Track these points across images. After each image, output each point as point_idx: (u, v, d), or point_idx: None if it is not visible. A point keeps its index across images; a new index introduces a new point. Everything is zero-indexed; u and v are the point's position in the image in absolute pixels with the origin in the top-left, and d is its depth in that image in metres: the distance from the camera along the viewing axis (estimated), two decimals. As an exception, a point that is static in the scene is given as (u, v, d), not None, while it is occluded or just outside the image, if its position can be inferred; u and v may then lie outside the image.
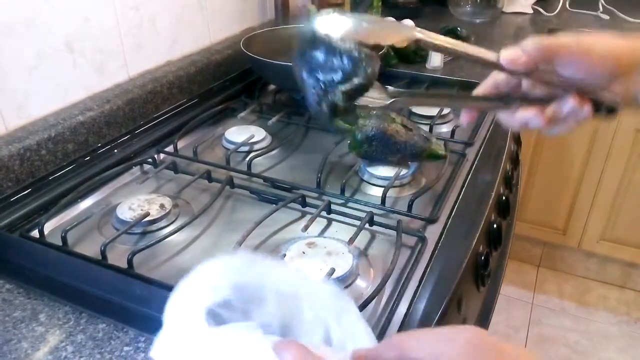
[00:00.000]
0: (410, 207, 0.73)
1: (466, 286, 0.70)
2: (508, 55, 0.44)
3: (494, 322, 0.93)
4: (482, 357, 0.29)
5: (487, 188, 0.81)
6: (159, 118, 0.99)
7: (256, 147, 0.93)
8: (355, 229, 0.67)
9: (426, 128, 0.92)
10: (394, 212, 0.74)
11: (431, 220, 0.72)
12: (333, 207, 0.74)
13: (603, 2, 1.79)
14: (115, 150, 0.88)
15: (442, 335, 0.31)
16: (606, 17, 1.74)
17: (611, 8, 1.76)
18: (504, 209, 0.88)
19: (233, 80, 1.16)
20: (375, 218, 0.71)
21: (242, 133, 0.94)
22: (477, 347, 0.29)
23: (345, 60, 0.43)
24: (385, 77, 1.17)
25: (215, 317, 0.38)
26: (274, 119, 1.00)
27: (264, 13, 1.36)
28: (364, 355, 0.33)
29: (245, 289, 0.39)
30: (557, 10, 1.78)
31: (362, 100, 0.47)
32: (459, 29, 1.42)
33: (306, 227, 0.66)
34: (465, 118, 0.49)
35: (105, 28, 0.91)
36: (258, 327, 0.36)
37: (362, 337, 0.37)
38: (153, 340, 0.36)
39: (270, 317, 0.39)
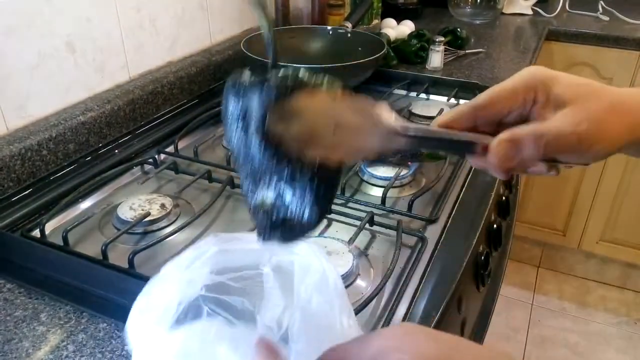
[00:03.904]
0: (410, 207, 0.73)
1: (466, 286, 0.70)
2: (502, 155, 0.35)
3: (494, 322, 0.93)
4: (416, 341, 0.30)
5: (487, 188, 0.81)
6: (160, 118, 0.99)
7: (256, 147, 0.93)
8: (355, 229, 0.68)
9: (426, 128, 0.92)
10: (394, 212, 0.74)
11: (431, 221, 0.72)
12: (333, 207, 0.74)
13: (603, 3, 1.79)
14: (116, 151, 0.88)
15: (375, 334, 0.33)
16: (606, 18, 1.74)
17: (610, 9, 1.77)
18: (504, 209, 0.88)
19: (233, 80, 1.16)
20: (376, 218, 0.71)
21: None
22: (411, 334, 0.31)
23: (297, 192, 0.32)
24: (385, 78, 1.18)
25: (209, 301, 0.39)
26: (274, 120, 1.00)
27: (264, 14, 1.36)
28: None
29: (228, 271, 0.40)
30: (556, 12, 1.79)
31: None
32: (458, 30, 1.43)
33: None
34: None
35: (106, 28, 0.91)
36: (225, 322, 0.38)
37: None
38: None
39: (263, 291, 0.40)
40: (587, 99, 0.35)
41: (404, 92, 1.18)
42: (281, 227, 0.33)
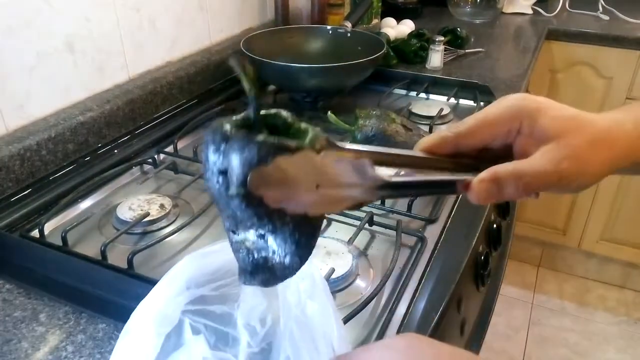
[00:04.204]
0: (410, 207, 0.73)
1: (466, 286, 0.70)
2: (483, 194, 0.35)
3: (494, 322, 0.93)
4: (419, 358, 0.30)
5: (486, 188, 0.80)
6: (159, 118, 0.99)
7: (256, 147, 0.93)
8: (355, 229, 0.67)
9: (426, 128, 0.93)
10: (393, 212, 0.74)
11: (431, 220, 0.72)
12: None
13: (603, 2, 1.79)
14: (116, 151, 0.88)
15: (379, 345, 0.33)
16: (606, 17, 1.74)
17: (611, 8, 1.77)
18: (504, 209, 0.88)
19: (233, 80, 1.16)
20: (375, 218, 0.71)
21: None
22: (414, 349, 0.30)
23: (278, 242, 0.32)
24: (385, 77, 1.18)
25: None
26: (273, 119, 1.00)
27: (264, 13, 1.36)
28: None
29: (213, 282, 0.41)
30: (556, 11, 1.79)
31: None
32: (458, 29, 1.42)
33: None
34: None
35: (105, 28, 0.91)
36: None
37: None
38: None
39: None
40: (570, 134, 0.34)
41: (403, 92, 1.18)
42: (262, 269, 0.33)
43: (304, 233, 0.32)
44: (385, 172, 0.34)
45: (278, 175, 0.29)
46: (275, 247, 0.32)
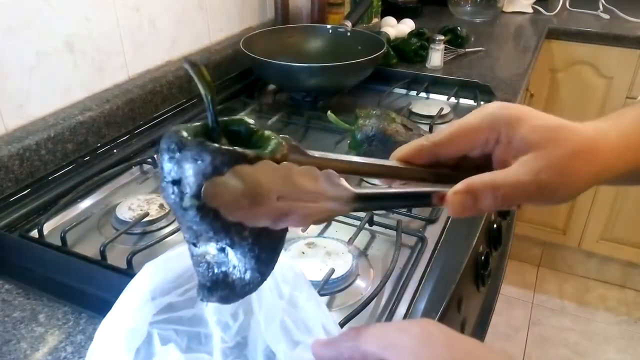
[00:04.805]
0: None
1: (466, 286, 0.70)
2: (458, 206, 0.34)
3: (494, 322, 0.93)
4: (432, 347, 0.29)
5: (487, 188, 0.80)
6: (159, 118, 0.98)
7: (256, 147, 0.92)
8: (355, 229, 0.67)
9: (426, 128, 0.92)
10: (393, 211, 0.74)
11: (431, 220, 0.72)
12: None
13: (603, 1, 1.79)
14: (115, 150, 0.88)
15: (395, 326, 0.32)
16: (606, 16, 1.74)
17: (611, 7, 1.76)
18: (504, 208, 0.88)
19: (233, 80, 1.16)
20: (375, 218, 0.71)
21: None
22: (428, 336, 0.30)
23: (238, 256, 0.30)
24: (385, 77, 1.18)
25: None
26: (273, 119, 1.00)
27: (263, 13, 1.36)
28: (323, 345, 0.33)
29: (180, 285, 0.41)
30: (557, 10, 1.78)
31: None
32: (459, 28, 1.42)
33: (306, 227, 0.66)
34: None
35: (105, 28, 0.90)
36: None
37: (316, 322, 0.38)
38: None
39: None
40: (550, 144, 0.33)
41: (403, 91, 1.18)
42: (222, 284, 0.31)
43: (264, 248, 0.30)
44: (355, 188, 0.32)
45: (234, 187, 0.27)
46: (235, 262, 0.31)
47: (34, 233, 0.67)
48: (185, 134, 0.28)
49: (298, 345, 0.39)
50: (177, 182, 0.28)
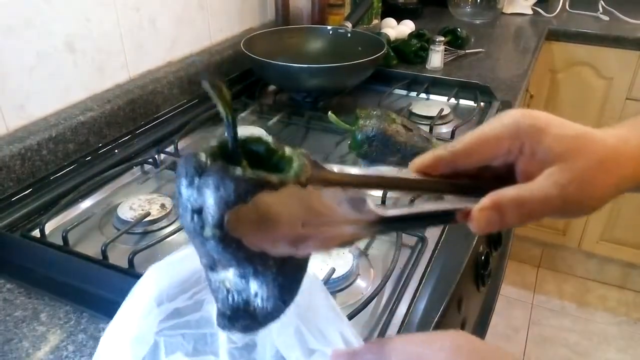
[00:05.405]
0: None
1: (466, 286, 0.70)
2: (484, 223, 0.32)
3: (494, 322, 0.93)
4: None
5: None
6: (160, 118, 0.99)
7: (256, 147, 0.93)
8: (355, 229, 0.67)
9: (426, 128, 0.93)
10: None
11: (431, 221, 0.72)
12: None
13: (603, 3, 1.79)
14: (116, 151, 0.88)
15: (420, 338, 0.31)
16: (606, 18, 1.74)
17: (611, 9, 1.77)
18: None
19: (233, 80, 1.16)
20: (376, 218, 0.71)
21: (242, 134, 0.94)
22: (457, 349, 0.29)
23: (260, 285, 0.29)
24: (385, 78, 1.18)
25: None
26: (274, 120, 1.00)
27: (264, 13, 1.36)
28: (342, 356, 0.33)
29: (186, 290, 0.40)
30: (556, 11, 1.79)
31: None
32: (459, 29, 1.42)
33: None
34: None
35: (106, 28, 0.91)
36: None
37: (333, 332, 0.38)
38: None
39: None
40: (574, 156, 0.32)
41: (404, 92, 1.18)
42: (243, 313, 0.30)
43: (289, 275, 0.29)
44: (380, 209, 0.30)
45: (259, 215, 0.25)
46: (257, 289, 0.29)
47: (36, 233, 0.67)
48: (204, 157, 0.26)
49: (314, 354, 0.38)
50: (197, 211, 0.26)
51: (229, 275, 0.29)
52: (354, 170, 0.31)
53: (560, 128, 0.33)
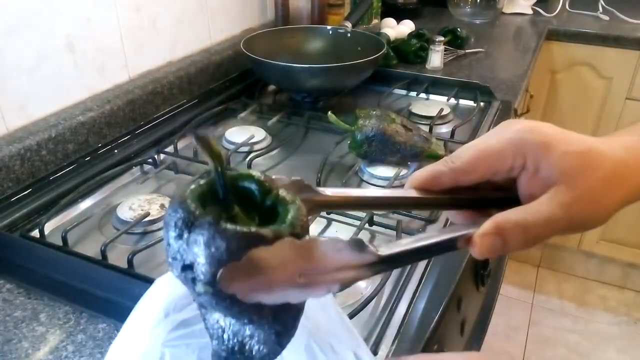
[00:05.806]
0: (410, 207, 0.73)
1: (466, 286, 0.70)
2: (486, 249, 0.32)
3: (494, 322, 0.93)
4: None
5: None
6: (160, 118, 0.99)
7: (256, 147, 0.93)
8: (355, 228, 0.68)
9: (426, 128, 0.93)
10: (393, 212, 0.74)
11: (431, 221, 0.72)
12: (333, 207, 0.74)
13: (603, 2, 1.79)
14: (116, 151, 0.88)
15: (440, 357, 0.30)
16: (606, 17, 1.74)
17: (611, 9, 1.77)
18: (504, 208, 0.88)
19: (233, 80, 1.16)
20: (375, 218, 0.71)
21: (242, 133, 0.95)
22: None
23: (255, 331, 0.28)
24: (385, 78, 1.18)
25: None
26: (274, 120, 1.00)
27: (264, 13, 1.36)
28: None
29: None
30: (556, 11, 1.79)
31: None
32: (458, 29, 1.42)
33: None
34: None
35: (106, 28, 0.91)
36: None
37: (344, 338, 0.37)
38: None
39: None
40: (581, 174, 0.31)
41: (403, 92, 1.18)
42: (239, 356, 0.29)
43: (285, 321, 0.28)
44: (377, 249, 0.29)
45: (252, 271, 0.24)
46: (253, 332, 0.28)
47: (35, 233, 0.67)
48: (193, 206, 0.25)
49: None
50: (188, 266, 0.25)
51: (225, 321, 0.29)
52: (348, 192, 0.30)
53: (565, 144, 0.31)
